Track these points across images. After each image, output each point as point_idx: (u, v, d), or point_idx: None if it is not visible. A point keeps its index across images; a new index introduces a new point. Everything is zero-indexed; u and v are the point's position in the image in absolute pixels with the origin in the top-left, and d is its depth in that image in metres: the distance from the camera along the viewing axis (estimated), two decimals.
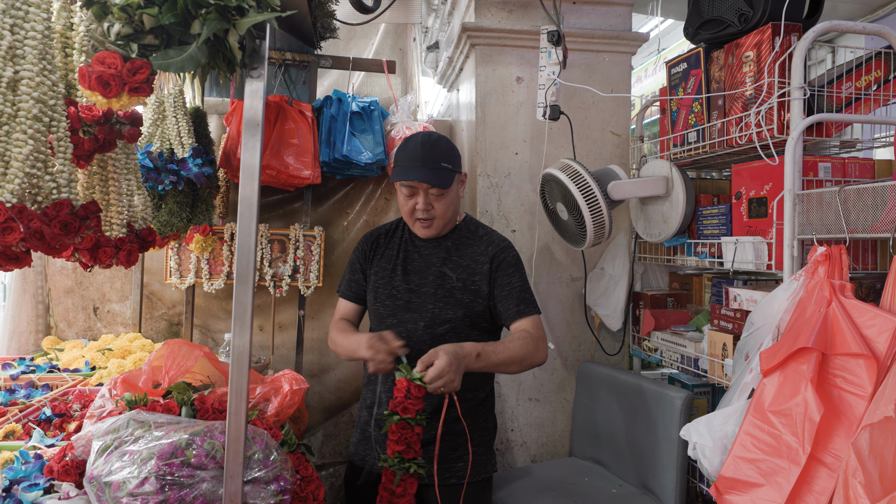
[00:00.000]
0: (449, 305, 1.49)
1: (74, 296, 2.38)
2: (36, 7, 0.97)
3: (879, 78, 1.54)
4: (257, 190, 0.99)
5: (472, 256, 1.53)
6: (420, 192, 1.46)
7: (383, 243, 1.61)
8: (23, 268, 1.00)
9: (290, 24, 1.85)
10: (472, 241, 1.56)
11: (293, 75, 2.28)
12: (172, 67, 0.87)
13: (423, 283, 1.52)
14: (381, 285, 1.55)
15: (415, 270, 1.54)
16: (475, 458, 1.50)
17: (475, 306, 1.50)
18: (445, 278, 1.51)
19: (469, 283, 1.51)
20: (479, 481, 1.52)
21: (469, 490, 1.46)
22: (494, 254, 1.52)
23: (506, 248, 1.55)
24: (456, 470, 1.48)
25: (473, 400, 1.52)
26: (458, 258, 1.53)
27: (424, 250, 1.56)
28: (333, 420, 2.53)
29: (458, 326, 1.49)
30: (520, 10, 2.20)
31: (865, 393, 1.08)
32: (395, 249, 1.58)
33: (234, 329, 0.98)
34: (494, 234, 1.59)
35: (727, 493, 1.21)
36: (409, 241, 1.59)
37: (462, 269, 1.52)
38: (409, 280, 1.53)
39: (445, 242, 1.56)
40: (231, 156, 2.13)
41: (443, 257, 1.54)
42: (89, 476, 1.02)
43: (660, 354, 2.01)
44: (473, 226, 1.61)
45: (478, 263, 1.52)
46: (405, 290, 1.52)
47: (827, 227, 1.31)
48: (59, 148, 1.01)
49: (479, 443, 1.52)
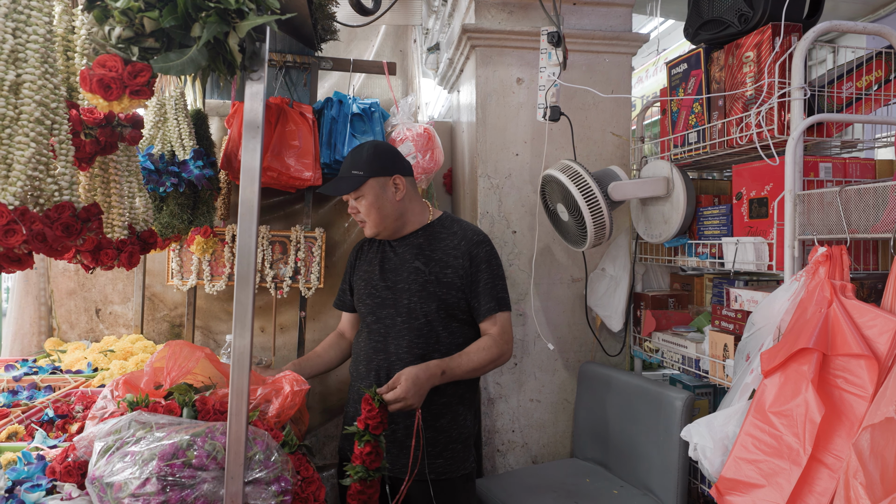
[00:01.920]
0: (423, 299, 1.54)
1: (77, 297, 2.38)
2: (38, 11, 0.98)
3: (880, 78, 1.54)
4: (258, 192, 0.99)
5: (444, 250, 1.58)
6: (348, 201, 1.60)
7: (366, 250, 1.71)
8: (25, 270, 1.01)
9: (290, 27, 1.86)
10: (444, 235, 1.61)
11: (294, 77, 2.29)
12: (173, 70, 0.87)
13: (399, 279, 1.58)
14: (362, 287, 1.64)
15: (391, 269, 1.61)
16: (452, 455, 1.53)
17: (449, 298, 1.54)
18: (419, 272, 1.56)
19: (441, 276, 1.55)
20: (458, 477, 1.54)
21: (447, 486, 1.49)
22: (468, 249, 1.57)
23: (479, 242, 1.59)
24: (435, 467, 1.50)
25: (454, 396, 1.55)
26: (430, 252, 1.58)
27: (399, 249, 1.62)
28: (334, 421, 2.54)
29: (434, 319, 1.53)
30: (520, 12, 2.20)
31: (866, 393, 1.08)
32: (375, 252, 1.67)
33: (234, 330, 0.99)
34: (469, 229, 1.63)
35: (728, 494, 1.21)
36: (386, 243, 1.66)
37: (434, 263, 1.56)
38: (385, 278, 1.60)
39: (418, 239, 1.62)
40: (232, 158, 2.13)
41: (415, 253, 1.59)
42: (91, 477, 1.03)
43: (661, 355, 2.01)
44: (448, 222, 1.65)
45: (450, 257, 1.57)
46: (383, 288, 1.59)
47: (828, 228, 1.31)
48: (61, 150, 1.02)
49: (456, 439, 1.55)
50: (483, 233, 1.63)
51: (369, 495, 1.30)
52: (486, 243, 1.60)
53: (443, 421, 1.52)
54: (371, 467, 1.28)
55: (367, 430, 1.29)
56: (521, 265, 2.20)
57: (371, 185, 1.57)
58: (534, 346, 2.20)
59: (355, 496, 1.29)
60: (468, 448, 1.59)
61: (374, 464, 1.29)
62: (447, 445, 1.53)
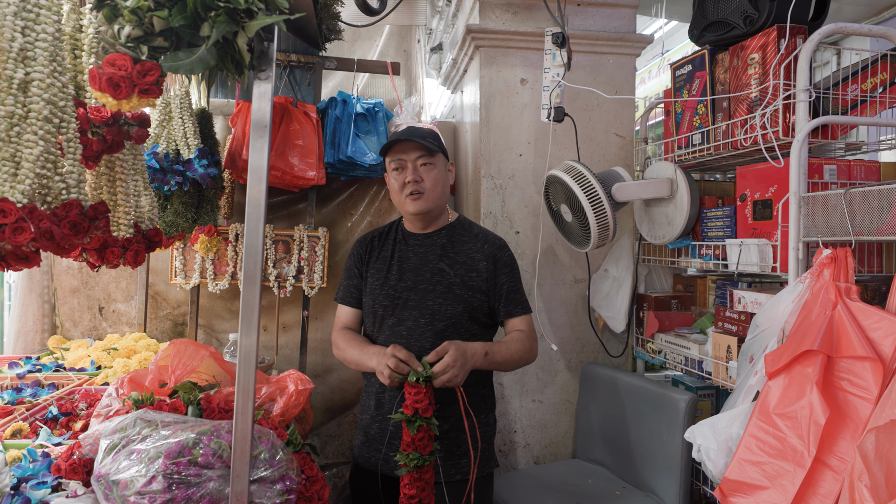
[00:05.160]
0: (448, 301, 1.51)
1: (80, 295, 2.39)
2: (47, 10, 0.98)
3: (885, 80, 1.54)
4: (265, 191, 0.99)
5: (468, 253, 1.56)
6: (408, 165, 1.51)
7: (378, 245, 1.62)
8: (32, 267, 1.01)
9: (295, 26, 1.86)
10: (467, 238, 1.59)
11: (298, 77, 2.29)
12: (182, 69, 0.87)
13: (420, 279, 1.53)
14: (377, 286, 1.56)
15: (410, 268, 1.55)
16: (480, 454, 1.51)
17: (473, 301, 1.52)
18: (443, 274, 1.53)
19: (467, 279, 1.53)
20: (483, 477, 1.53)
21: (474, 486, 1.47)
22: (492, 252, 1.56)
23: (502, 247, 1.59)
24: (461, 466, 1.49)
25: (476, 396, 1.54)
26: (454, 254, 1.56)
27: (419, 248, 1.58)
28: (336, 420, 2.54)
29: (459, 321, 1.51)
30: (524, 12, 2.20)
31: (871, 396, 1.08)
32: (390, 250, 1.60)
33: (241, 329, 0.99)
34: (490, 234, 1.62)
35: (731, 496, 1.21)
36: (402, 240, 1.60)
37: (459, 265, 1.54)
38: (405, 278, 1.54)
39: (440, 239, 1.58)
40: (236, 157, 2.13)
41: (439, 254, 1.55)
42: (97, 474, 1.03)
43: (663, 356, 2.01)
44: (468, 224, 1.64)
45: (474, 260, 1.55)
46: (402, 289, 1.53)
47: (832, 230, 1.31)
48: (69, 149, 1.02)
49: (482, 439, 1.54)
50: (501, 238, 1.63)
51: (426, 480, 1.28)
52: (507, 248, 1.61)
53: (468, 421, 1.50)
54: (425, 452, 1.26)
55: (418, 415, 1.26)
56: (524, 266, 2.20)
57: (441, 159, 1.55)
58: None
59: (412, 484, 1.27)
60: (491, 448, 1.58)
61: (427, 448, 1.27)
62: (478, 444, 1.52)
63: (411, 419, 1.27)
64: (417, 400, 1.26)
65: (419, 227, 1.59)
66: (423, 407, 1.26)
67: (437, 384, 1.29)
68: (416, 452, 1.26)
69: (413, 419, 1.26)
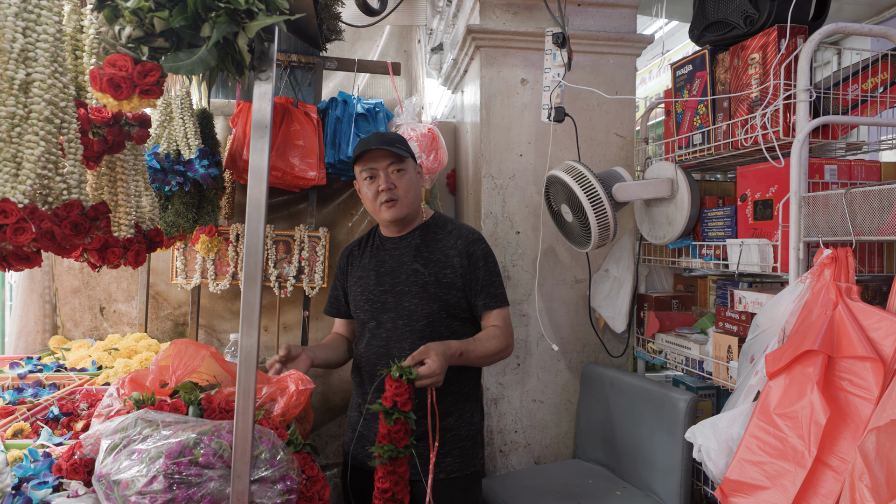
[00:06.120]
0: (424, 300, 1.52)
1: (81, 296, 2.39)
2: (48, 10, 0.98)
3: (886, 80, 1.54)
4: (265, 191, 0.99)
5: (441, 251, 1.57)
6: (381, 173, 1.53)
7: (357, 254, 1.67)
8: (33, 268, 1.01)
9: (296, 27, 1.86)
10: (440, 235, 1.60)
11: (298, 77, 2.29)
12: (183, 70, 0.88)
13: (397, 281, 1.56)
14: (359, 293, 1.61)
15: (387, 271, 1.58)
16: (462, 452, 1.53)
17: (450, 298, 1.53)
18: (418, 274, 1.55)
19: (441, 277, 1.54)
20: (468, 475, 1.54)
21: (458, 484, 1.49)
22: (465, 247, 1.57)
23: (475, 240, 1.59)
24: (444, 465, 1.50)
25: (459, 394, 1.55)
26: (428, 253, 1.57)
27: (395, 251, 1.60)
28: (337, 421, 2.54)
29: (437, 320, 1.53)
30: (524, 12, 2.20)
31: (872, 396, 1.08)
32: (368, 257, 1.64)
33: (241, 329, 0.99)
34: (464, 228, 1.63)
35: (732, 496, 1.21)
36: (379, 245, 1.64)
37: (433, 264, 1.55)
38: (382, 282, 1.57)
39: (414, 240, 1.60)
40: (237, 157, 2.14)
41: (412, 254, 1.57)
42: (98, 474, 1.03)
43: (664, 356, 2.01)
44: (442, 221, 1.65)
45: (448, 257, 1.56)
46: (380, 292, 1.57)
47: (833, 230, 1.31)
48: (70, 149, 1.02)
49: (465, 437, 1.55)
50: (477, 231, 1.63)
51: (400, 474, 1.28)
52: (482, 241, 1.60)
53: (450, 419, 1.52)
54: (400, 445, 1.26)
55: (396, 408, 1.26)
56: (524, 266, 2.20)
57: (411, 163, 1.57)
58: (537, 347, 2.20)
59: (386, 478, 1.27)
60: (477, 445, 1.59)
61: (403, 441, 1.27)
62: (456, 443, 1.53)
63: (389, 411, 1.26)
64: (398, 394, 1.26)
65: (395, 231, 1.62)
66: (403, 401, 1.26)
67: (419, 385, 1.30)
68: (390, 444, 1.26)
69: (391, 411, 1.26)
